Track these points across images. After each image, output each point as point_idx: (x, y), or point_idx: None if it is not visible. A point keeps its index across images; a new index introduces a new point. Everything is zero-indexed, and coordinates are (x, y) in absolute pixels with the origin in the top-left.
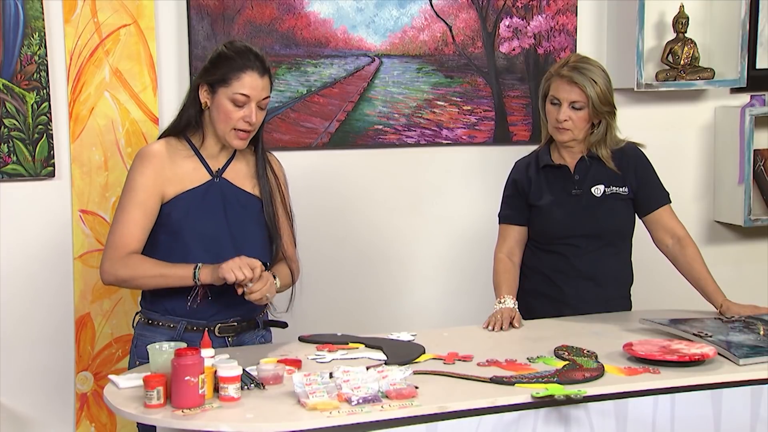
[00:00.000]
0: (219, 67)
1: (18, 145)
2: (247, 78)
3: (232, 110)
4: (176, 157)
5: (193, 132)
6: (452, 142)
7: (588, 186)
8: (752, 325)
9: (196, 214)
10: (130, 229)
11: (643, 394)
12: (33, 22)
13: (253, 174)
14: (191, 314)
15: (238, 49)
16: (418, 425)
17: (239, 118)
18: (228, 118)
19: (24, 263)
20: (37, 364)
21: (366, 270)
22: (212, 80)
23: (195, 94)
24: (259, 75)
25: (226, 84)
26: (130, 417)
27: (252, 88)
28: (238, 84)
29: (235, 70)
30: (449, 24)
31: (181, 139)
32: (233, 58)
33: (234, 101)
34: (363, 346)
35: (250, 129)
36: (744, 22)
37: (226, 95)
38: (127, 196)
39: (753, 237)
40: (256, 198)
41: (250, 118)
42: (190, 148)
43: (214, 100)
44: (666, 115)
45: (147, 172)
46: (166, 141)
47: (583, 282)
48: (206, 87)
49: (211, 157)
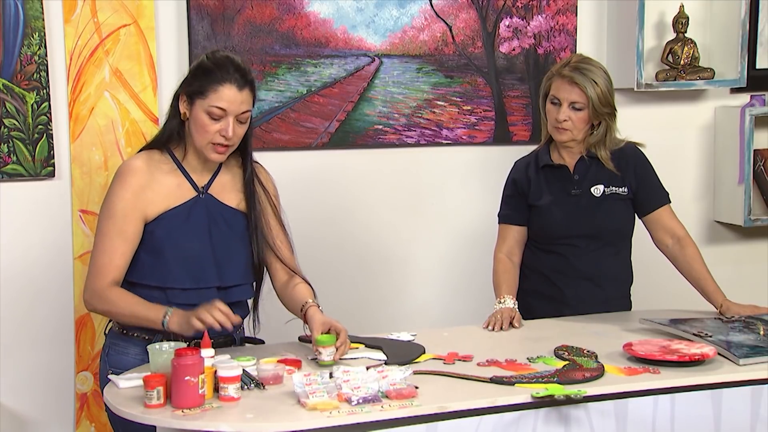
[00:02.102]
0: (197, 78)
1: (18, 145)
2: (225, 91)
3: (209, 123)
4: (158, 173)
5: (175, 144)
6: (452, 142)
7: (587, 186)
8: (752, 325)
9: (180, 234)
10: (111, 258)
11: (643, 394)
12: (33, 22)
13: (239, 188)
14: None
15: (217, 61)
16: (418, 425)
17: (215, 131)
18: (204, 131)
19: (24, 263)
20: (37, 364)
21: (366, 270)
22: (190, 91)
23: (177, 104)
24: (238, 88)
25: (202, 96)
26: (130, 417)
27: (229, 102)
28: (214, 96)
29: (213, 83)
30: (449, 24)
31: (163, 152)
32: (212, 69)
33: (210, 114)
34: (363, 346)
35: (226, 143)
36: (744, 22)
37: (202, 107)
38: (107, 223)
39: (753, 237)
40: (242, 214)
41: (226, 132)
42: (173, 161)
43: (192, 111)
44: (666, 115)
45: (126, 196)
46: (147, 155)
47: (583, 282)
48: (185, 98)
49: (194, 171)
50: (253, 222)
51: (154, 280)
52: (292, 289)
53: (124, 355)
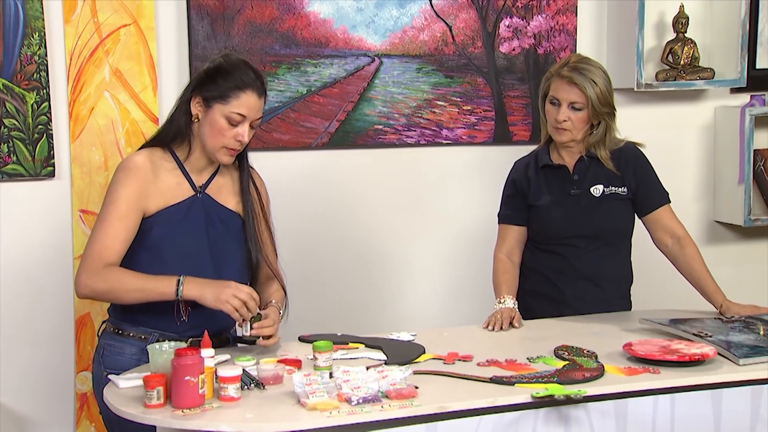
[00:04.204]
0: (217, 82)
1: (18, 145)
2: (247, 98)
3: (226, 128)
4: (159, 170)
5: (179, 144)
6: (452, 142)
7: (587, 186)
8: (752, 325)
9: (178, 231)
10: (109, 241)
11: (643, 394)
12: (33, 22)
13: (236, 190)
14: (163, 327)
15: (236, 65)
16: (418, 425)
17: (232, 136)
18: (221, 136)
19: (24, 263)
20: (37, 364)
21: (366, 270)
22: (209, 95)
23: (187, 106)
24: (258, 96)
25: (223, 101)
26: (131, 417)
27: (249, 109)
28: (236, 103)
29: (235, 89)
30: (449, 24)
31: (165, 150)
32: (232, 74)
33: (229, 119)
34: (363, 346)
35: (240, 148)
36: (744, 22)
37: (221, 112)
38: (109, 208)
39: (753, 237)
40: (237, 215)
41: (242, 137)
42: (174, 160)
43: (208, 114)
44: (666, 115)
45: (129, 185)
46: (149, 152)
47: (583, 282)
48: (200, 100)
49: (194, 171)
50: (249, 224)
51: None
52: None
53: (119, 355)
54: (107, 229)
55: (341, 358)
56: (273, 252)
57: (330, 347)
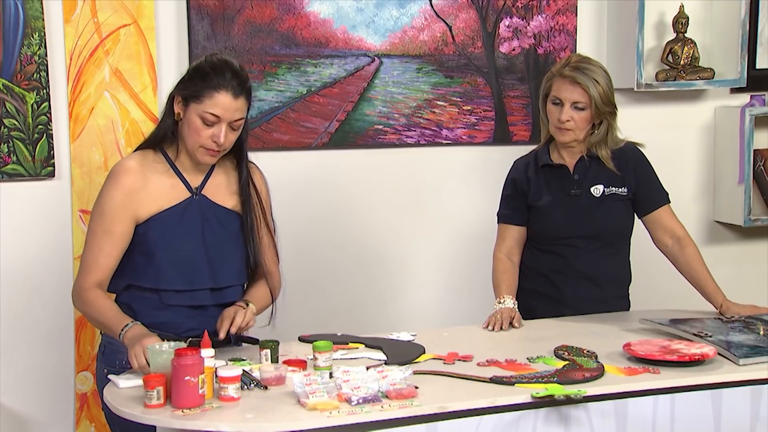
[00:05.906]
0: (194, 81)
1: (18, 145)
2: (220, 98)
3: (201, 128)
4: (152, 173)
5: (169, 144)
6: (452, 142)
7: (587, 186)
8: (752, 325)
9: (173, 235)
10: (96, 257)
11: (643, 394)
12: (33, 22)
13: (234, 189)
14: (163, 326)
15: (215, 65)
16: (418, 425)
17: (207, 136)
18: (197, 135)
19: (24, 263)
20: (37, 364)
21: (366, 270)
22: (186, 94)
23: (171, 105)
24: (233, 96)
25: (198, 100)
26: (131, 417)
27: (224, 109)
28: (209, 102)
29: (209, 88)
30: (449, 24)
31: (157, 152)
32: (209, 74)
33: (203, 119)
34: (363, 346)
35: (217, 149)
36: (744, 22)
37: (196, 112)
38: (97, 222)
39: (753, 237)
40: (236, 214)
41: (218, 138)
42: (166, 161)
43: (186, 114)
44: (666, 115)
45: (117, 196)
46: (141, 155)
47: (582, 282)
48: (180, 99)
49: (187, 171)
50: (248, 224)
51: (148, 281)
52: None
53: (119, 353)
54: (93, 244)
55: (341, 358)
56: (273, 254)
57: (330, 347)
